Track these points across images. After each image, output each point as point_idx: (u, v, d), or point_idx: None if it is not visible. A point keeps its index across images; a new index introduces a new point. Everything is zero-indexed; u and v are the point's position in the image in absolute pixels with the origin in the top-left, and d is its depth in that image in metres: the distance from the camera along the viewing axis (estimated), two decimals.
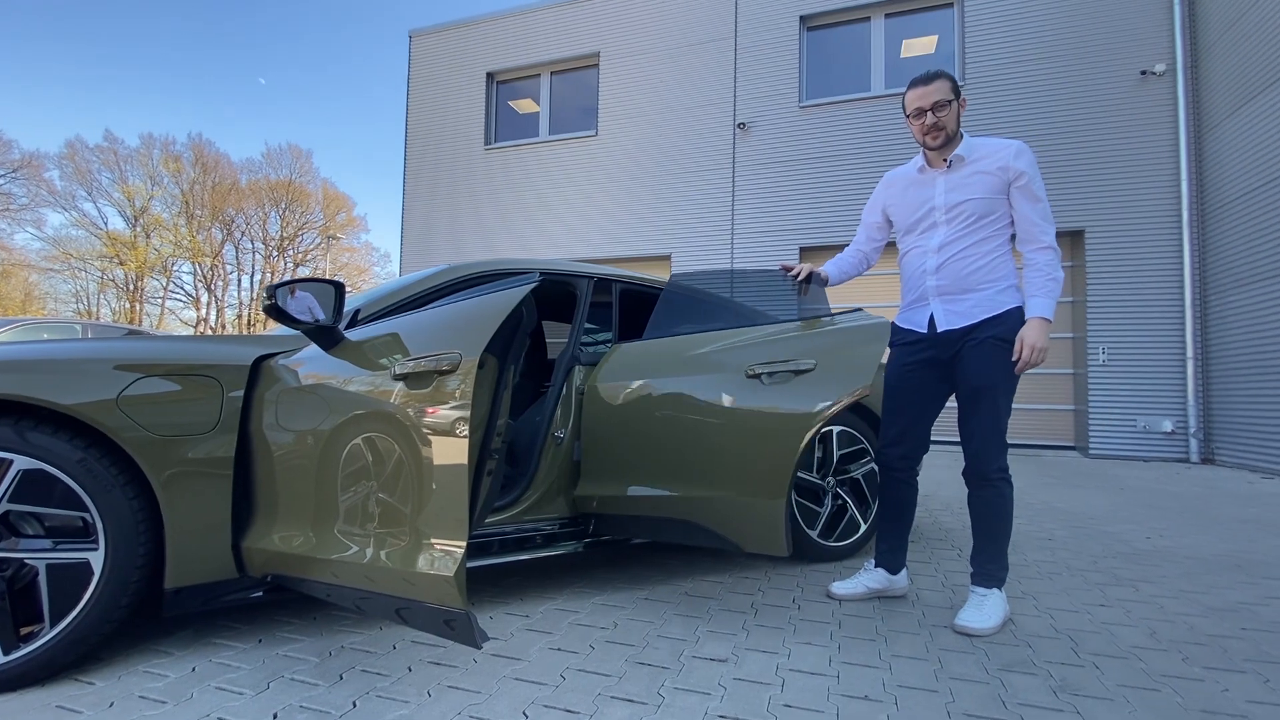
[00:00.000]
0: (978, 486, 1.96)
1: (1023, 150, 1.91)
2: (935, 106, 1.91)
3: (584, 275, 2.53)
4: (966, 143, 1.98)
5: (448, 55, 10.93)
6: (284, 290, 1.58)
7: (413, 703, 1.41)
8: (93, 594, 1.49)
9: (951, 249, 1.96)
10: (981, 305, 1.93)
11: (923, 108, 1.93)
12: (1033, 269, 1.94)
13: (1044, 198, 1.94)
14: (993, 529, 1.95)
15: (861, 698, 1.47)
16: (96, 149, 30.13)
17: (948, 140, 1.96)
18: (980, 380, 1.90)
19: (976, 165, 1.94)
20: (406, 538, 1.43)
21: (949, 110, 1.92)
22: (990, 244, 1.94)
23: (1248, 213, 6.30)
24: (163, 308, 32.85)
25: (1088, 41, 7.51)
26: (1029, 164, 1.91)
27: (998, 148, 1.94)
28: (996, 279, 1.94)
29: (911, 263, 2.07)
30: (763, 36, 8.90)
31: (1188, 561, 2.72)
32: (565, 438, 2.29)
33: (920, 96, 1.93)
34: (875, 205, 2.20)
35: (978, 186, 1.92)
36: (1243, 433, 6.35)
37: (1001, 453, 1.93)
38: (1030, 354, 1.84)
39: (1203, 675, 1.61)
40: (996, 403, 1.91)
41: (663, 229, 9.21)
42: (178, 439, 1.58)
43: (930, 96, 1.92)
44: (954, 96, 1.93)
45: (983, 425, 1.92)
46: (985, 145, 1.97)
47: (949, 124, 1.93)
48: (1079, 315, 7.54)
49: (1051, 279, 1.90)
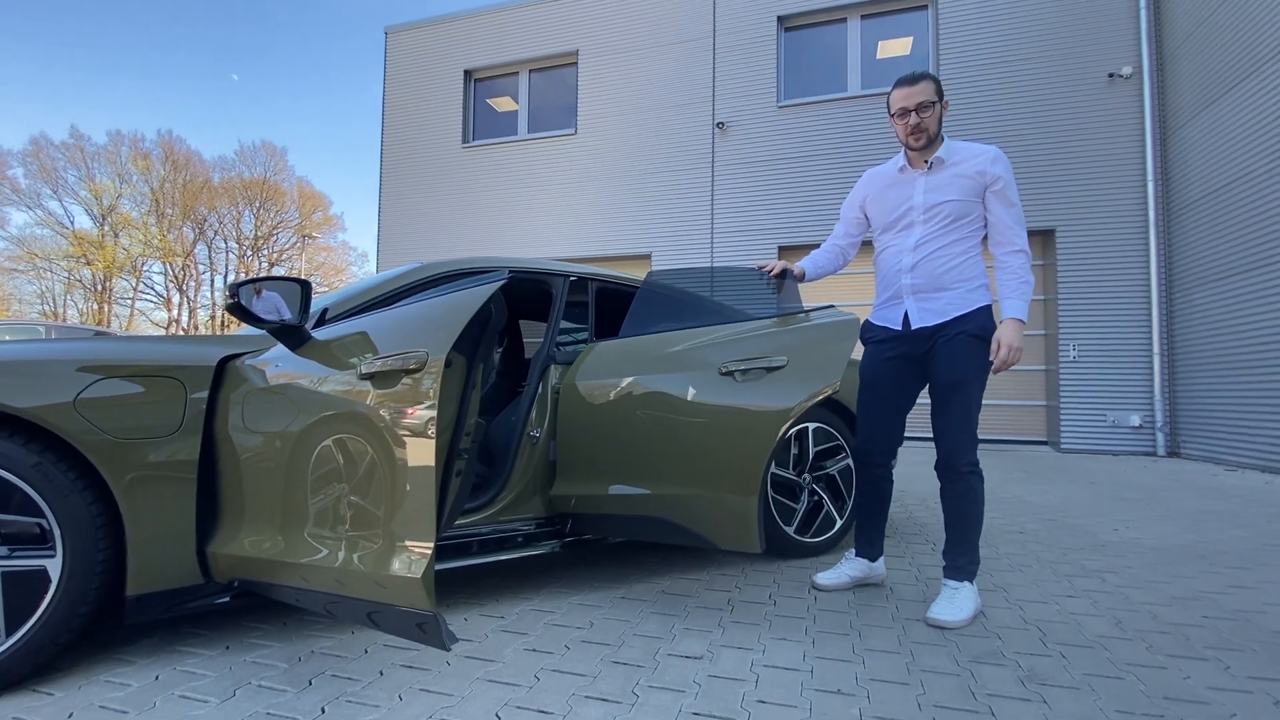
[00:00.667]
0: (950, 480, 2.00)
1: (1000, 156, 1.96)
2: (920, 107, 1.95)
3: (559, 274, 2.52)
4: (947, 145, 2.02)
5: (424, 52, 10.82)
6: (248, 289, 1.55)
7: (383, 707, 1.39)
8: (50, 603, 1.45)
9: (927, 248, 2.00)
10: (954, 303, 1.98)
11: (907, 108, 1.96)
12: (1005, 271, 1.99)
13: (1018, 203, 1.99)
14: (964, 522, 1.99)
15: (834, 692, 1.48)
16: (62, 146, 29.36)
17: (929, 141, 1.99)
18: (953, 375, 1.95)
19: (956, 168, 1.98)
20: (375, 540, 1.41)
21: (932, 112, 1.96)
22: (964, 245, 1.99)
23: (1210, 213, 6.48)
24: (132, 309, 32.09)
25: (1057, 45, 7.66)
26: (1005, 170, 1.96)
27: (976, 152, 1.98)
28: (969, 278, 1.99)
29: (888, 260, 2.10)
30: (741, 36, 8.94)
31: (1153, 552, 2.79)
32: (541, 437, 2.27)
33: (905, 96, 1.96)
34: (854, 201, 2.23)
35: (956, 189, 1.96)
36: (1207, 426, 6.53)
37: (972, 446, 1.97)
38: (1007, 353, 1.90)
39: (1166, 663, 1.65)
40: (969, 397, 1.95)
41: (642, 228, 9.21)
42: (139, 442, 1.54)
43: (915, 97, 1.95)
44: (938, 98, 1.97)
45: (955, 420, 1.96)
46: (964, 149, 2.01)
47: (931, 125, 1.97)
48: (1050, 313, 7.69)
49: (1024, 282, 1.96)
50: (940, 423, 1.99)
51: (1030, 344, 7.91)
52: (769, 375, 1.91)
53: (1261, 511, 3.78)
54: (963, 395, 1.95)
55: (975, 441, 1.98)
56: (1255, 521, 3.49)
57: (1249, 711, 1.40)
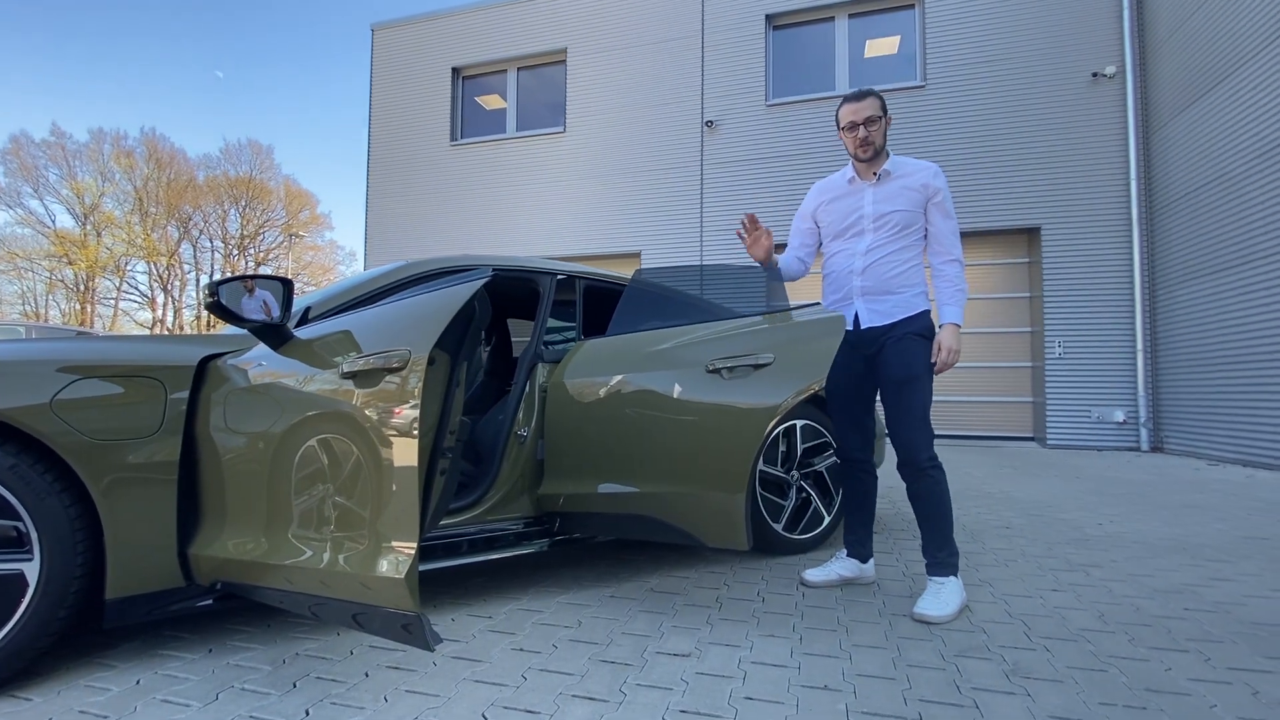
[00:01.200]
0: (913, 479, 2.05)
1: (939, 172, 2.12)
2: (867, 121, 2.07)
3: (546, 272, 2.51)
4: (892, 160, 2.15)
5: (412, 49, 10.74)
6: (228, 287, 1.53)
7: (369, 709, 1.38)
8: (28, 607, 1.42)
9: (877, 253, 2.11)
10: (900, 306, 2.09)
11: (855, 122, 2.08)
12: (942, 279, 2.12)
13: (954, 215, 2.13)
14: (936, 517, 2.04)
15: (821, 687, 1.48)
16: (43, 144, 28.91)
17: (876, 154, 2.12)
18: (905, 372, 2.03)
19: (901, 181, 2.11)
20: (359, 541, 1.40)
21: (878, 126, 2.08)
22: (909, 253, 2.11)
23: (1191, 210, 6.57)
24: (116, 309, 31.66)
25: (1042, 44, 7.73)
26: (945, 184, 2.12)
27: (920, 167, 2.12)
28: (912, 284, 2.11)
29: (839, 264, 2.19)
30: (729, 35, 8.95)
31: (1136, 546, 2.82)
32: (528, 436, 2.26)
33: (854, 111, 2.09)
34: (805, 213, 2.32)
35: (903, 200, 2.09)
36: (1189, 422, 6.62)
37: (931, 441, 2.04)
38: (948, 355, 2.03)
39: (1148, 655, 1.67)
40: (921, 393, 2.04)
41: (632, 226, 9.20)
42: (117, 443, 1.51)
43: (863, 112, 2.07)
44: (882, 113, 2.10)
45: (911, 415, 2.03)
46: (909, 164, 2.14)
47: (877, 139, 2.09)
48: (1036, 310, 7.76)
49: (959, 289, 2.10)
50: (897, 421, 2.06)
51: (1016, 341, 7.99)
52: (756, 372, 1.91)
53: (1242, 505, 3.84)
54: (916, 391, 2.03)
55: (932, 436, 2.05)
56: (1236, 515, 3.54)
57: (1229, 702, 1.42)
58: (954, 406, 8.12)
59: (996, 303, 8.08)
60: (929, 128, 8.01)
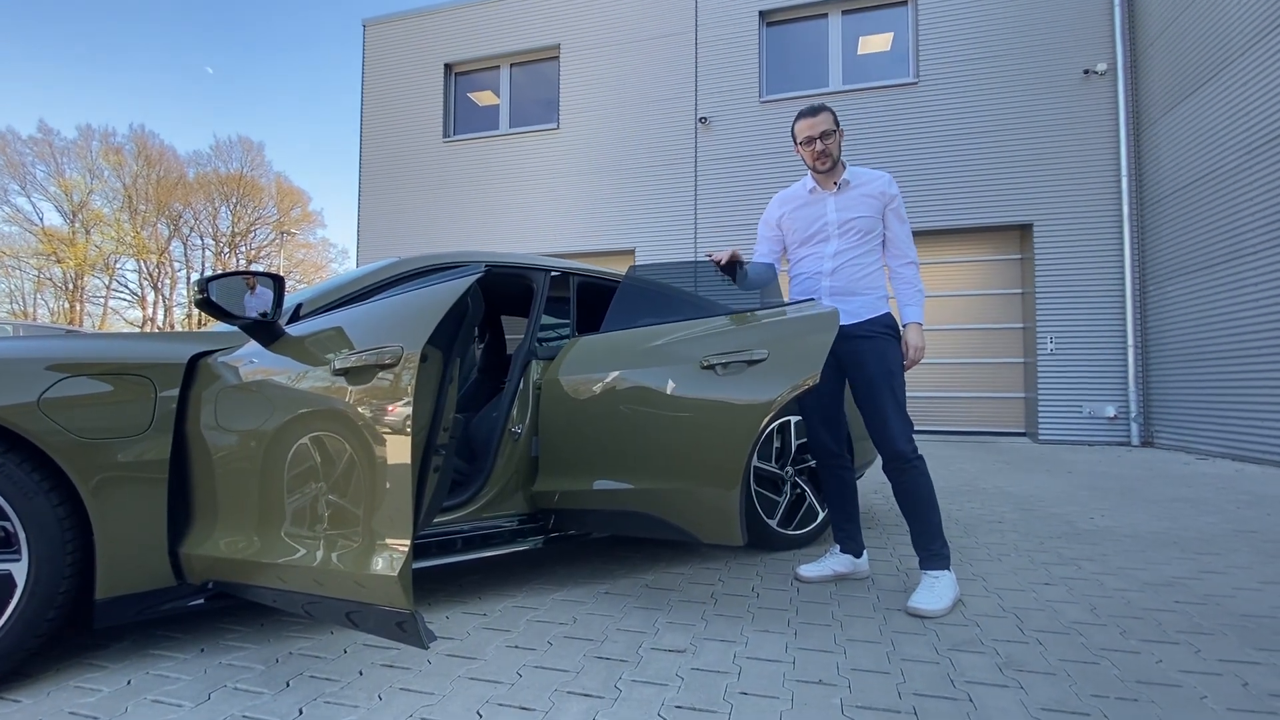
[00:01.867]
0: (897, 474, 2.08)
1: (893, 180, 2.23)
2: (823, 135, 2.16)
3: (540, 268, 2.50)
4: (850, 170, 2.23)
5: (404, 45, 10.68)
6: (218, 284, 1.52)
7: (362, 707, 1.37)
8: (16, 608, 1.41)
9: (844, 256, 2.20)
10: (865, 307, 2.17)
11: (812, 136, 2.17)
12: (902, 281, 2.22)
13: (908, 221, 2.24)
14: (923, 509, 2.06)
15: (816, 682, 1.49)
16: (30, 140, 28.61)
17: (833, 165, 2.20)
18: (882, 367, 2.09)
19: (860, 190, 2.20)
20: (353, 539, 1.39)
21: (834, 138, 2.17)
22: (870, 257, 2.21)
23: (1181, 207, 6.61)
24: (105, 307, 31.41)
25: (1034, 41, 7.75)
26: (898, 191, 2.22)
27: (875, 176, 2.22)
28: (875, 287, 2.19)
29: (808, 267, 2.26)
30: (722, 31, 8.93)
31: (1127, 540, 2.84)
32: (523, 433, 2.26)
33: (809, 126, 2.17)
34: (770, 220, 2.40)
35: (863, 207, 2.18)
36: (1179, 417, 6.67)
37: (910, 434, 2.07)
38: (915, 354, 2.14)
39: (1139, 648, 1.68)
40: (898, 388, 2.09)
41: (626, 223, 9.19)
42: (106, 442, 1.50)
43: (818, 126, 2.16)
44: (836, 127, 2.19)
45: (889, 409, 2.06)
46: (865, 174, 2.24)
47: (834, 150, 2.18)
48: (1028, 306, 7.80)
49: (918, 290, 2.21)
50: (875, 417, 2.09)
51: (1008, 337, 8.04)
52: (750, 368, 1.91)
53: (1232, 499, 3.87)
54: (893, 385, 2.08)
55: (912, 429, 2.08)
56: (1226, 508, 3.57)
57: (1219, 693, 1.43)
58: (946, 402, 8.16)
59: (988, 299, 8.12)
60: (921, 124, 8.03)
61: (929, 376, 8.15)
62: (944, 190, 7.89)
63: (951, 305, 8.18)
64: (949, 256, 8.22)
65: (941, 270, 8.23)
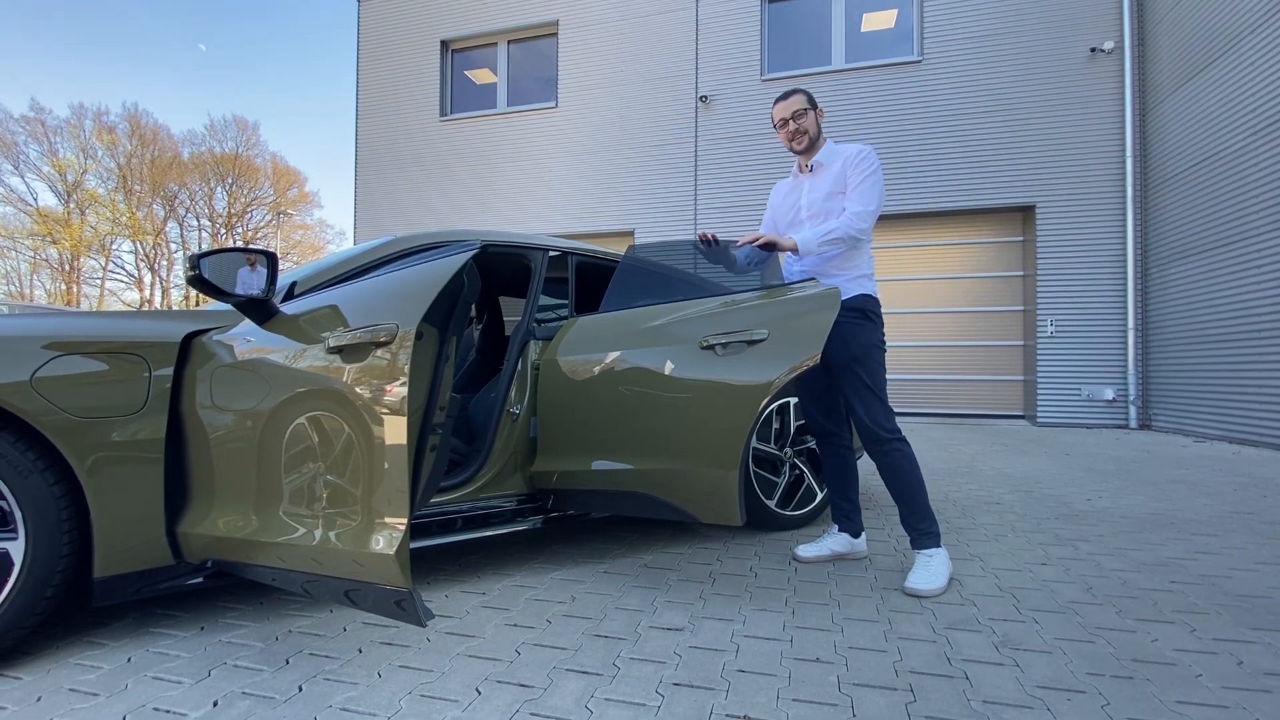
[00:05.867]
0: (879, 455, 2.08)
1: (866, 150, 2.12)
2: (795, 115, 2.16)
3: (538, 248, 2.47)
4: (824, 150, 2.20)
5: (399, 22, 10.49)
6: (211, 260, 1.49)
7: (362, 684, 1.38)
8: (14, 586, 1.41)
9: None
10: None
11: (785, 118, 2.18)
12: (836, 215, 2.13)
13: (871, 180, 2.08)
14: (909, 490, 2.06)
15: (813, 660, 1.50)
16: (22, 119, 28.19)
17: (811, 143, 2.19)
18: (849, 353, 2.07)
19: (829, 170, 2.16)
20: (351, 518, 1.39)
21: (807, 117, 2.17)
22: None
23: (1186, 188, 6.55)
24: (102, 289, 31.24)
25: (1041, 18, 7.62)
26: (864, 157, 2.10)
27: (843, 152, 2.16)
28: (849, 269, 2.13)
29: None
30: (724, 7, 8.77)
31: (1124, 521, 2.85)
32: (521, 414, 2.25)
33: (782, 109, 2.19)
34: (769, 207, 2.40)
35: (829, 184, 2.15)
36: (1177, 400, 6.68)
37: (890, 415, 2.08)
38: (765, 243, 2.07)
39: (1134, 627, 1.69)
40: (870, 372, 2.07)
41: (626, 203, 9.10)
42: (101, 421, 1.49)
43: (790, 108, 2.17)
44: (810, 106, 2.18)
45: (864, 392, 2.07)
46: (838, 151, 2.18)
47: (809, 128, 2.17)
48: (1029, 289, 7.77)
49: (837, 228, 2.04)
50: (851, 399, 2.09)
51: (1008, 319, 8.02)
52: (750, 349, 1.89)
53: (1228, 481, 3.89)
54: (864, 369, 2.07)
55: (890, 411, 2.08)
56: (1222, 490, 3.58)
57: (1214, 672, 1.44)
58: (945, 385, 8.16)
59: (989, 281, 8.08)
60: (925, 103, 7.93)
61: (928, 359, 8.15)
62: (946, 171, 7.81)
63: (951, 287, 8.14)
64: (950, 239, 8.17)
65: (942, 252, 8.18)
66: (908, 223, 8.21)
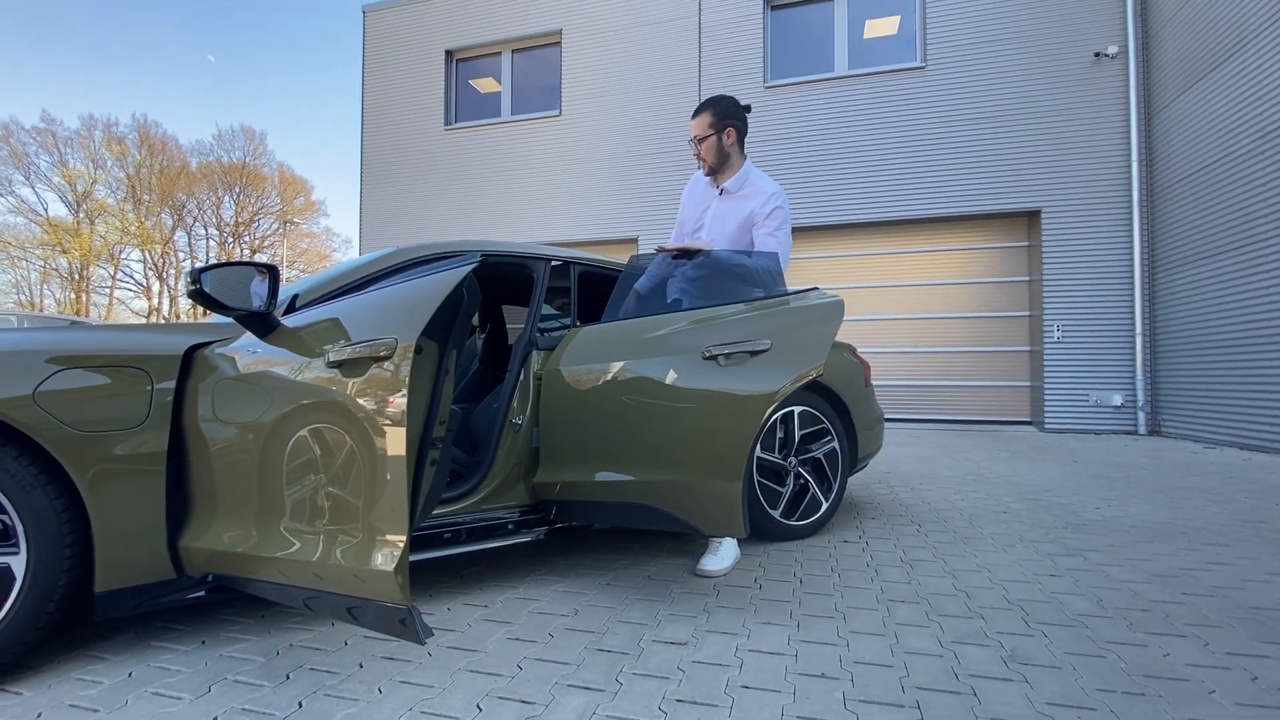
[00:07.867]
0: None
1: (775, 197, 2.08)
2: (697, 139, 2.11)
3: (540, 258, 2.47)
4: (740, 176, 2.13)
5: (404, 32, 10.58)
6: (211, 275, 1.49)
7: (362, 700, 1.37)
8: (15, 601, 1.40)
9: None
10: None
11: (690, 138, 2.18)
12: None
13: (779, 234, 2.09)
14: None
15: (819, 675, 1.48)
16: (33, 130, 28.60)
17: (714, 170, 2.15)
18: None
19: (736, 204, 2.12)
20: (351, 533, 1.38)
21: (708, 143, 2.11)
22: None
23: (1192, 193, 6.51)
24: (111, 298, 31.53)
25: (1044, 23, 7.62)
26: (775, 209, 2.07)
27: (756, 193, 2.11)
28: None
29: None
30: (726, 15, 8.81)
31: (1133, 530, 2.82)
32: (523, 424, 2.24)
33: (692, 127, 2.15)
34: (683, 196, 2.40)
35: (733, 222, 2.12)
36: (1187, 405, 6.62)
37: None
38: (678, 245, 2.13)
39: (1146, 640, 1.66)
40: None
41: (629, 211, 9.12)
42: (104, 435, 1.49)
43: (695, 129, 2.13)
44: (713, 131, 2.09)
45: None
46: (750, 185, 2.12)
47: (708, 157, 2.12)
48: (1035, 294, 7.73)
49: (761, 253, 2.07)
50: None
51: (1015, 325, 7.97)
52: (753, 359, 1.88)
53: (1240, 488, 3.84)
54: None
55: None
56: (1234, 498, 3.54)
57: (1227, 687, 1.41)
58: (952, 391, 8.11)
59: (995, 286, 8.04)
60: (928, 109, 7.92)
61: (934, 365, 8.10)
62: (951, 176, 7.79)
63: (957, 293, 8.11)
64: (955, 244, 8.14)
65: (948, 257, 8.15)
66: (913, 228, 8.19)
